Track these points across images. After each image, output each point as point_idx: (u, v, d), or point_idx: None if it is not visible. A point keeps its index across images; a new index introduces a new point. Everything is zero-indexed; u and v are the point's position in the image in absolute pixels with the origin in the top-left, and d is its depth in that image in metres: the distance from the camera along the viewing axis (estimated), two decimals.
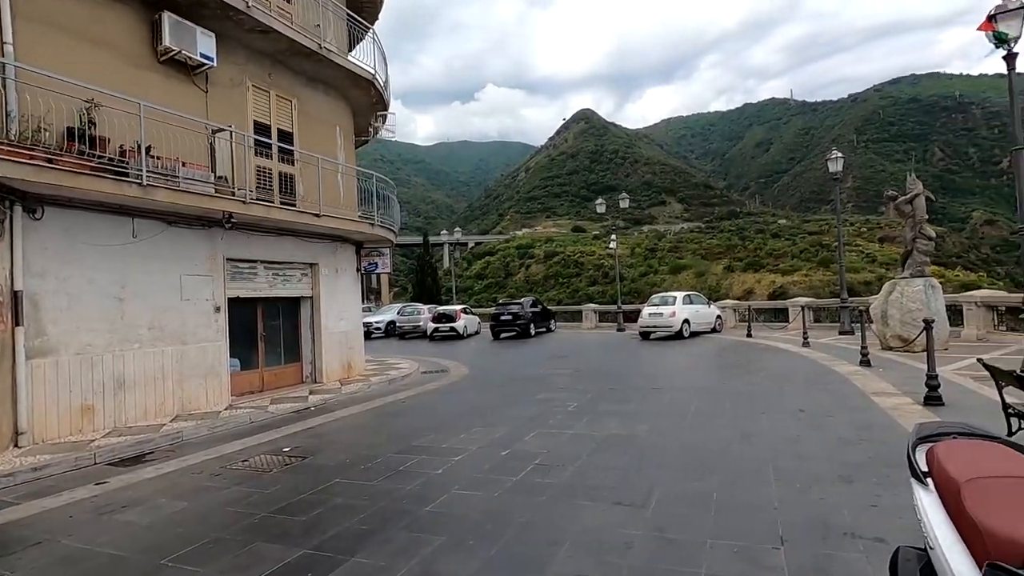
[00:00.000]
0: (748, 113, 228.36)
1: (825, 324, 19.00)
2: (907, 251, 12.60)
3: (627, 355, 15.82)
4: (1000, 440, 2.15)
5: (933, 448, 2.17)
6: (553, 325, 26.03)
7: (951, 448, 2.12)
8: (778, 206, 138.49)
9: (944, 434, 2.26)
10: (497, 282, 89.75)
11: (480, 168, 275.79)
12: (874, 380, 9.00)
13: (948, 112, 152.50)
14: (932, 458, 2.13)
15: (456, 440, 6.75)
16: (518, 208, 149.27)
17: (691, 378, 10.98)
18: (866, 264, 68.07)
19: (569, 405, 8.57)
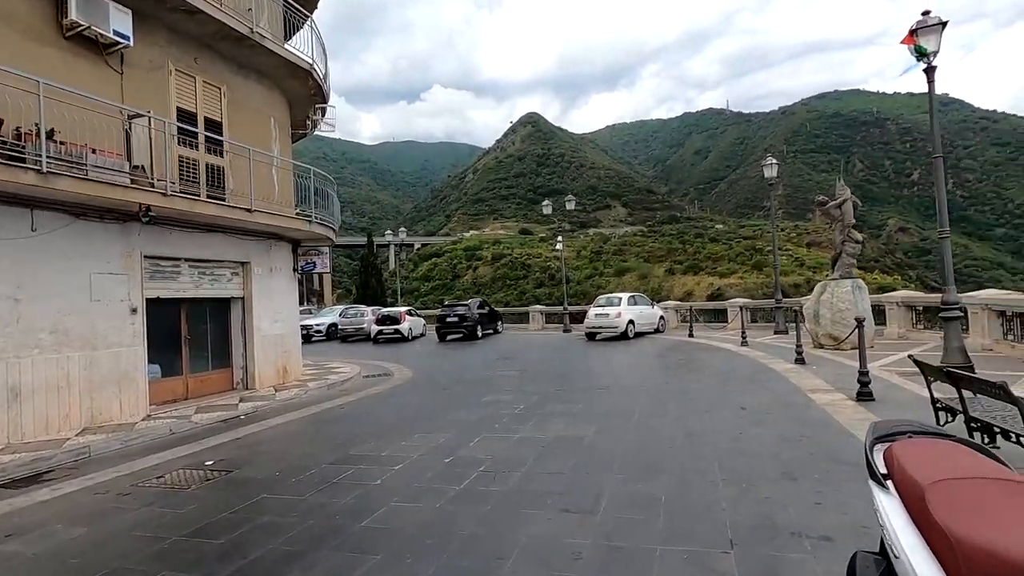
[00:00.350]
0: (688, 122, 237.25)
1: (761, 324, 19.76)
2: (836, 254, 13.23)
3: (574, 356, 15.82)
4: (957, 439, 2.09)
5: (891, 448, 2.09)
6: (500, 327, 25.85)
7: (909, 448, 2.04)
8: (716, 211, 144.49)
9: (900, 433, 2.19)
10: (444, 284, 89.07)
11: (427, 168, 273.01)
12: (809, 377, 9.31)
13: (867, 127, 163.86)
14: (891, 459, 2.04)
15: (397, 448, 6.40)
16: (465, 210, 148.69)
17: (637, 378, 11.04)
18: (795, 267, 72.03)
19: (516, 407, 8.38)
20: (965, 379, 4.22)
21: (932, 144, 8.94)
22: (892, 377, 8.75)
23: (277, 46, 11.32)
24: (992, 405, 4.53)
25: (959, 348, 8.59)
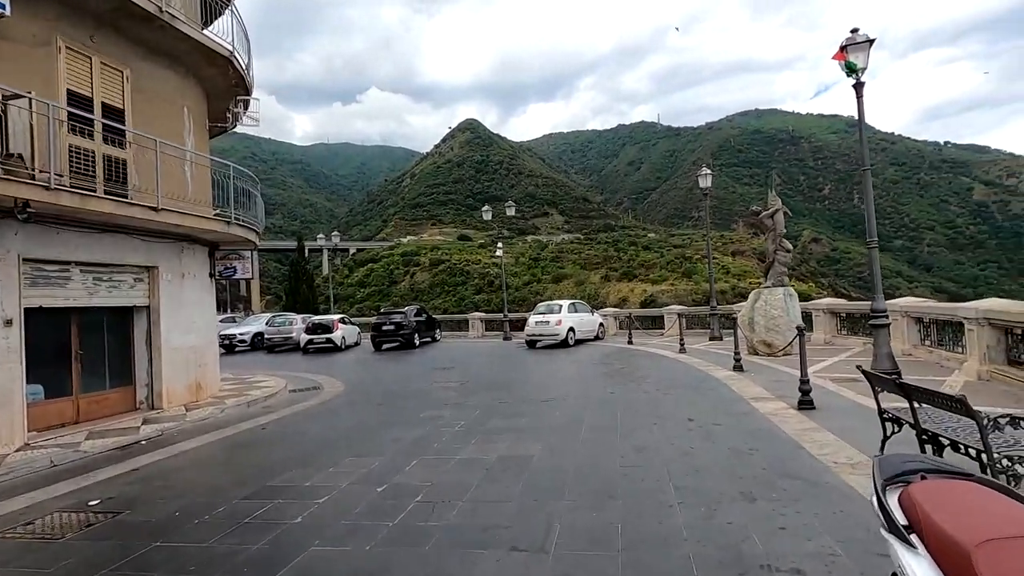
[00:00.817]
0: (622, 133, 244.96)
1: (696, 330, 20.20)
2: (769, 262, 13.62)
3: (515, 365, 15.45)
4: (976, 478, 1.82)
5: (908, 493, 1.77)
6: (438, 334, 25.13)
7: (931, 493, 1.73)
8: (648, 221, 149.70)
9: (910, 472, 1.89)
10: (381, 290, 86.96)
11: (363, 172, 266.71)
12: (749, 385, 9.36)
13: (784, 144, 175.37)
14: (910, 506, 1.72)
15: (322, 476, 5.71)
16: (403, 214, 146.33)
17: (580, 388, 10.78)
18: (722, 275, 75.48)
19: (456, 424, 7.85)
20: (919, 391, 4.14)
21: (862, 156, 9.25)
22: (827, 383, 8.93)
23: (192, 29, 10.26)
24: (939, 416, 4.50)
25: (887, 354, 8.89)
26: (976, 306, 8.35)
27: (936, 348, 10.45)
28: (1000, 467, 3.57)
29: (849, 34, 8.99)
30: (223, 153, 12.67)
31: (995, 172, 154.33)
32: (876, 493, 1.85)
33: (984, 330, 8.16)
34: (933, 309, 10.95)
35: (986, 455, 3.61)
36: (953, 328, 9.82)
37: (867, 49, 8.86)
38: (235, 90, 12.26)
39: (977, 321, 8.22)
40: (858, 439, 5.69)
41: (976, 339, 8.30)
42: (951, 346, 9.86)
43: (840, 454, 5.29)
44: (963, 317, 8.65)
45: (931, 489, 1.74)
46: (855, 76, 8.95)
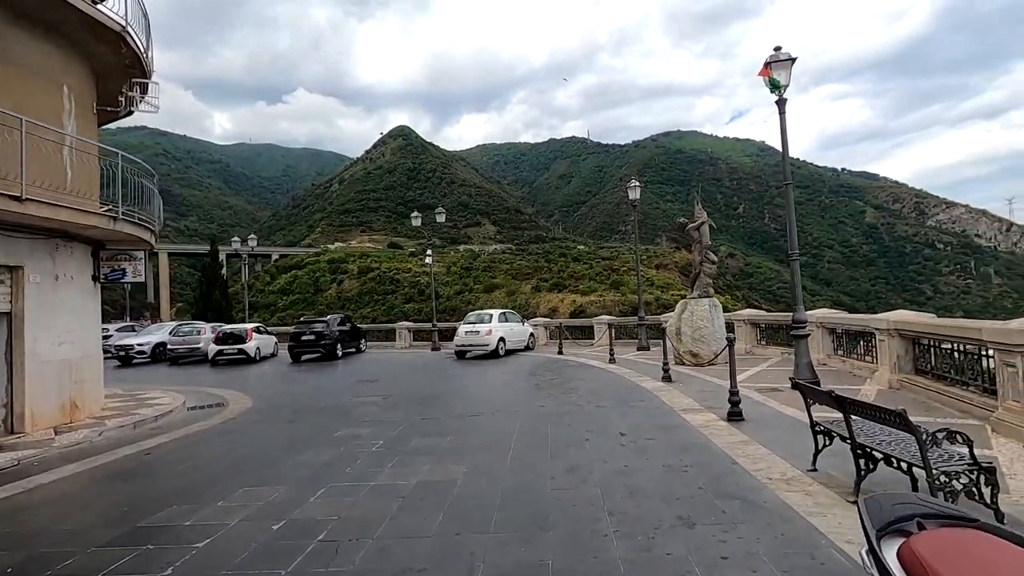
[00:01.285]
0: (553, 147, 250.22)
1: (624, 340, 20.38)
2: (695, 273, 13.87)
3: (443, 377, 14.81)
4: (979, 524, 1.51)
5: (910, 547, 1.43)
6: (364, 345, 23.94)
7: (938, 548, 1.39)
8: (578, 233, 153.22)
9: (905, 519, 1.55)
10: (305, 298, 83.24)
11: (288, 175, 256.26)
12: (679, 396, 9.29)
13: (703, 164, 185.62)
14: (914, 564, 1.38)
15: (208, 512, 4.89)
16: (331, 220, 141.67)
17: (510, 400, 10.35)
18: (646, 286, 78.23)
19: (374, 443, 7.16)
20: (855, 405, 4.02)
21: (784, 171, 9.50)
22: (752, 394, 9.00)
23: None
24: (871, 429, 4.43)
25: (807, 364, 9.11)
26: (887, 317, 8.74)
27: (848, 358, 10.93)
28: (938, 483, 3.46)
29: (772, 52, 9.25)
30: (130, 149, 11.29)
31: (883, 197, 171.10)
32: (870, 546, 1.50)
33: (894, 341, 8.53)
34: (846, 320, 11.49)
35: (925, 471, 3.49)
36: (864, 339, 10.29)
37: (789, 67, 9.14)
38: (130, 71, 10.95)
39: (888, 332, 8.59)
40: (789, 451, 5.60)
41: (887, 349, 8.67)
42: (862, 356, 10.33)
43: (774, 469, 5.14)
44: (875, 328, 9.04)
45: (938, 544, 1.40)
46: (778, 92, 9.21)
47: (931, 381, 7.75)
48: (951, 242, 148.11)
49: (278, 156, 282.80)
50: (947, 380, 7.43)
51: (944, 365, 7.56)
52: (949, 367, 7.43)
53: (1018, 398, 5.39)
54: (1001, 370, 5.60)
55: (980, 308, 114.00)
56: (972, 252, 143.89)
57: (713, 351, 12.93)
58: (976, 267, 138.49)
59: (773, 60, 9.15)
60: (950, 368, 7.41)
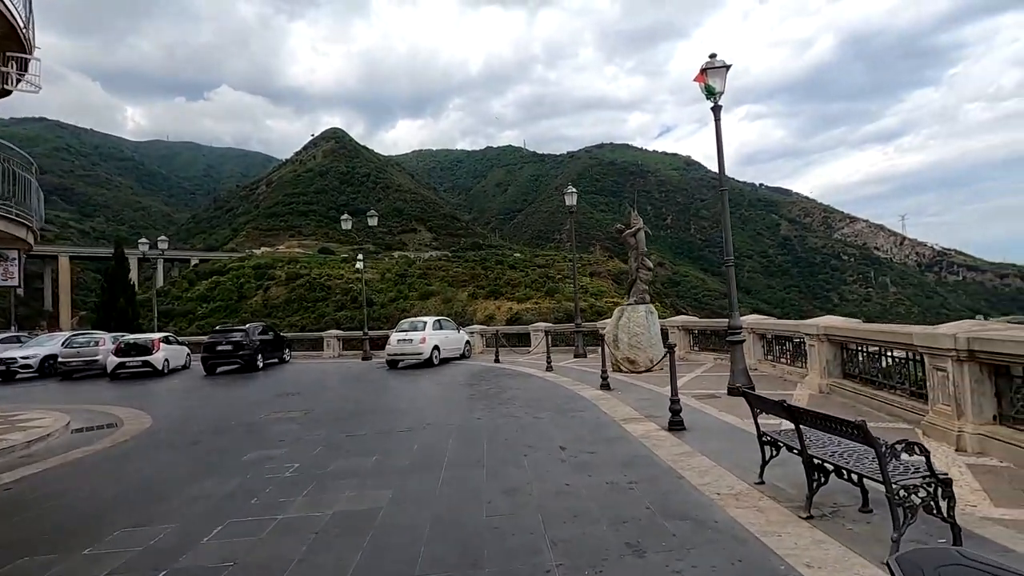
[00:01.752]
0: (490, 155, 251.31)
1: (561, 347, 20.21)
2: (632, 280, 13.85)
3: (373, 388, 13.96)
4: None
5: None
6: (288, 355, 22.46)
7: None
8: (514, 241, 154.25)
9: None
10: (228, 306, 78.41)
11: (210, 175, 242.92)
12: (618, 404, 9.05)
13: (633, 176, 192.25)
14: None
15: (75, 562, 4.02)
16: (257, 224, 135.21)
17: (444, 413, 9.76)
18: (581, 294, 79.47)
19: (289, 467, 6.37)
20: (809, 415, 3.80)
21: (720, 179, 9.54)
22: (690, 401, 8.90)
23: None
24: (819, 439, 4.25)
25: (743, 370, 9.14)
26: (817, 323, 8.93)
27: (778, 363, 11.16)
28: (897, 499, 3.26)
29: (708, 59, 9.30)
30: (25, 142, 9.77)
31: (795, 212, 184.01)
32: None
33: (824, 346, 8.71)
34: (777, 326, 11.76)
35: (884, 486, 3.28)
36: (794, 344, 10.53)
37: (724, 74, 9.20)
38: (4, 44, 9.52)
39: (818, 337, 8.76)
40: (734, 462, 5.39)
41: (817, 354, 8.84)
42: (792, 361, 10.56)
43: (721, 483, 4.89)
44: (805, 334, 9.22)
45: None
46: (713, 99, 9.25)
47: (860, 385, 7.92)
48: (854, 254, 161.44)
49: (199, 155, 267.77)
50: (875, 384, 7.60)
51: (872, 369, 7.74)
52: (877, 371, 7.61)
53: (948, 402, 5.46)
54: (931, 374, 5.68)
55: (879, 314, 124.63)
56: (872, 263, 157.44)
57: (650, 358, 12.91)
58: (875, 277, 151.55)
59: (709, 66, 9.19)
60: (878, 372, 7.59)
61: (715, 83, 9.15)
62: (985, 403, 5.21)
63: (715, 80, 9.15)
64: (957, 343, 5.25)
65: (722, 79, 9.17)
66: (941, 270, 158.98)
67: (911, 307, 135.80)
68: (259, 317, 72.56)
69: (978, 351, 5.12)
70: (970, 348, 5.18)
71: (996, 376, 5.18)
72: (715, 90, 9.15)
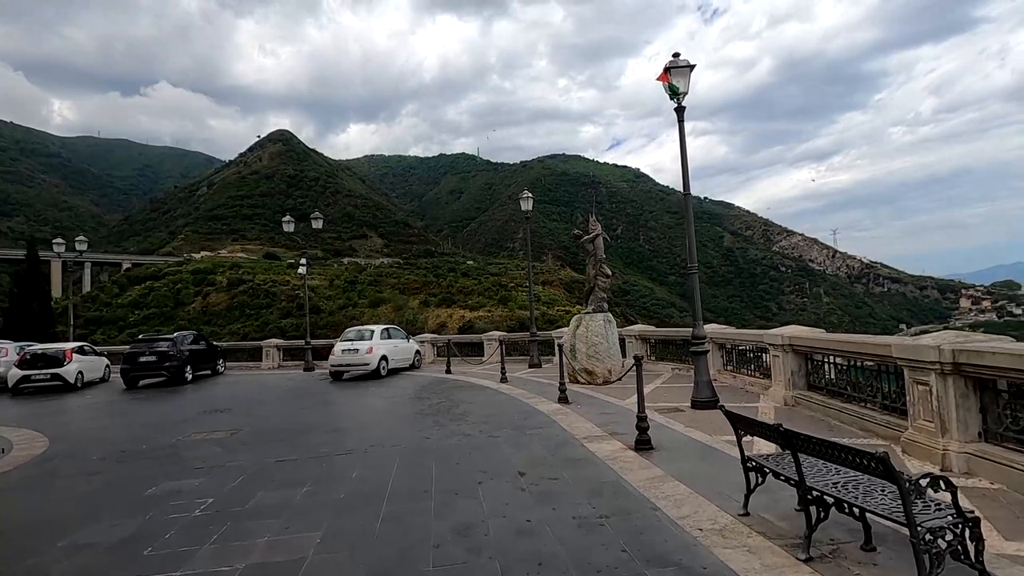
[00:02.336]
0: (443, 162, 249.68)
1: (515, 357, 19.58)
2: (590, 287, 13.38)
3: (313, 403, 12.86)
4: None
5: None
6: (221, 366, 20.82)
7: None
8: (467, 248, 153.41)
9: None
10: (163, 313, 74.11)
11: (146, 175, 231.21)
12: (579, 420, 8.45)
13: (585, 187, 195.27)
14: None
15: None
16: (197, 227, 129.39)
17: (390, 432, 8.90)
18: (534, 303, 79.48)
19: (200, 504, 5.39)
20: (811, 443, 3.28)
21: (684, 182, 9.19)
22: (653, 415, 8.36)
23: None
24: (814, 466, 3.75)
25: (707, 382, 8.75)
26: (781, 332, 8.65)
27: (739, 374, 10.90)
28: (923, 544, 2.76)
29: (672, 58, 8.95)
30: None
31: (738, 225, 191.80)
32: None
33: (788, 356, 8.43)
34: (739, 336, 11.52)
35: (908, 529, 2.78)
36: (755, 354, 10.28)
37: (687, 74, 8.87)
38: None
39: (783, 347, 8.48)
40: (712, 488, 4.86)
41: (781, 365, 8.56)
42: (753, 372, 10.30)
43: (702, 515, 4.33)
44: (769, 343, 8.94)
45: None
46: (677, 100, 8.89)
47: (827, 397, 7.65)
48: (791, 265, 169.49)
49: (134, 154, 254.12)
50: (844, 397, 7.33)
51: (841, 381, 7.48)
52: (846, 384, 7.35)
53: (931, 418, 5.13)
54: (912, 388, 5.37)
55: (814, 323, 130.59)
56: (807, 275, 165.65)
57: (608, 368, 12.44)
58: (810, 288, 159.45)
59: (672, 66, 8.83)
60: (847, 385, 7.33)
61: (679, 83, 8.80)
62: (971, 419, 4.91)
63: (679, 80, 8.80)
64: (942, 355, 4.92)
65: (685, 79, 8.83)
66: (869, 282, 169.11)
67: (842, 316, 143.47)
68: (197, 325, 68.80)
69: (964, 364, 4.82)
70: (955, 361, 4.87)
71: (981, 390, 4.89)
72: (679, 90, 8.80)
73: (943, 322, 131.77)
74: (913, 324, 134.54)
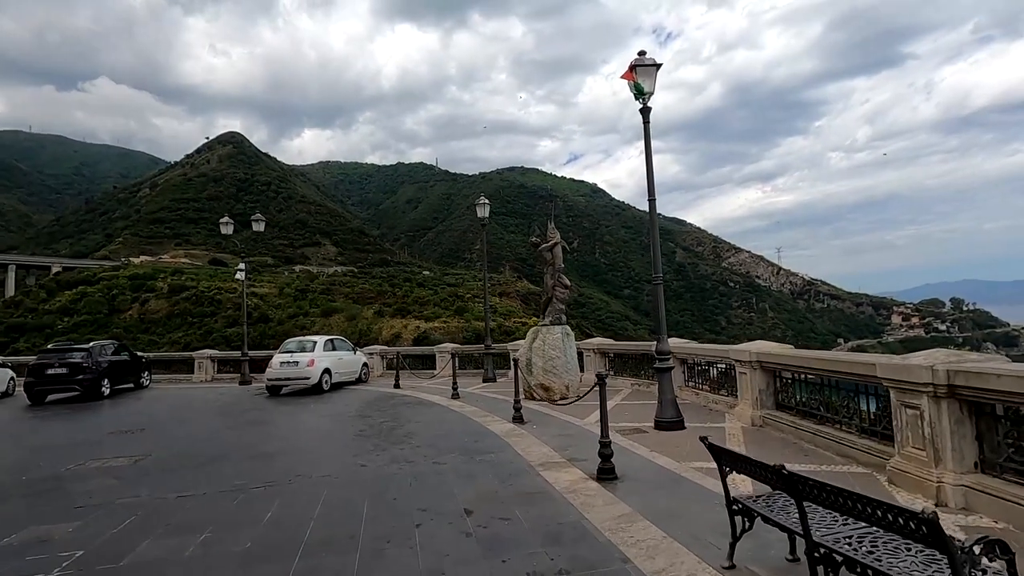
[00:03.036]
0: (401, 171, 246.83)
1: (469, 370, 18.70)
2: (547, 298, 12.71)
3: (241, 422, 11.59)
4: None
5: None
6: (147, 379, 19.02)
7: None
8: (424, 258, 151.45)
9: None
10: (96, 320, 69.51)
11: (82, 174, 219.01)
12: (534, 443, 7.68)
13: (543, 200, 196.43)
14: None
15: None
16: (137, 230, 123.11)
17: (322, 457, 7.89)
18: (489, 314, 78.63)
19: (64, 559, 4.30)
20: (824, 491, 2.62)
21: (648, 188, 8.67)
22: (615, 436, 7.68)
23: None
24: (814, 511, 3.12)
25: (671, 401, 8.17)
26: (749, 348, 8.18)
27: (702, 390, 10.41)
28: None
29: (637, 56, 8.45)
30: None
31: (689, 241, 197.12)
32: None
33: (757, 373, 7.96)
34: (703, 351, 11.04)
35: None
36: (719, 370, 9.81)
37: (654, 73, 8.38)
38: None
39: (750, 364, 8.00)
40: (689, 532, 4.18)
41: (749, 383, 8.08)
42: (717, 389, 9.83)
43: (680, 568, 3.63)
44: (735, 360, 8.46)
45: None
46: (642, 100, 8.38)
47: (798, 418, 7.17)
48: (739, 281, 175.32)
49: (70, 151, 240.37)
50: (817, 418, 6.86)
51: (813, 401, 7.02)
52: (819, 403, 6.89)
53: (922, 445, 4.63)
54: (899, 412, 4.86)
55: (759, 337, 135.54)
56: (754, 290, 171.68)
57: (566, 384, 11.76)
58: (756, 303, 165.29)
59: (638, 64, 8.32)
60: (819, 405, 6.87)
61: (644, 82, 8.29)
62: (967, 448, 4.43)
63: (644, 79, 8.30)
64: (936, 377, 4.42)
65: (652, 78, 8.33)
66: (810, 298, 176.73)
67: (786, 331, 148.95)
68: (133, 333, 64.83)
69: (961, 386, 4.34)
70: (951, 383, 4.39)
71: (978, 416, 4.43)
72: (644, 90, 8.29)
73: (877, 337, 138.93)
74: (850, 339, 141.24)
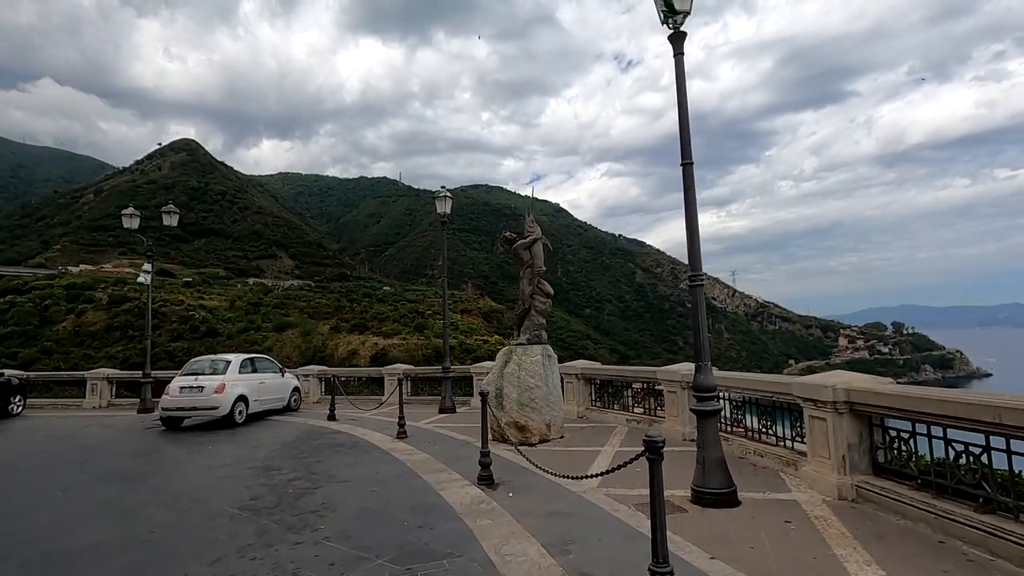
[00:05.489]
0: (363, 185, 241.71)
1: (425, 397, 15.68)
2: (524, 309, 9.89)
3: (96, 476, 8.26)
4: None
5: None
6: (19, 406, 15.23)
7: None
8: (384, 274, 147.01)
9: None
10: (24, 332, 63.32)
11: (19, 176, 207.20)
12: (513, 537, 4.82)
13: (507, 218, 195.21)
14: None
15: None
16: (77, 237, 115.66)
17: (166, 557, 4.86)
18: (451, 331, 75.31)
19: None
20: None
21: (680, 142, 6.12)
22: (629, 520, 5.00)
23: None
24: None
25: (718, 460, 5.47)
26: (829, 382, 5.57)
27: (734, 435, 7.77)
28: None
29: None
30: None
31: (649, 262, 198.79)
32: None
33: (844, 419, 5.34)
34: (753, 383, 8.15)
35: None
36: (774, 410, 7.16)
37: None
38: None
39: (833, 405, 5.40)
40: None
41: (830, 432, 5.42)
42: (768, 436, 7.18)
43: None
44: (805, 397, 5.83)
45: None
46: (672, 22, 5.87)
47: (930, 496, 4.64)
48: None
49: (6, 152, 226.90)
50: (971, 499, 4.35)
51: (960, 469, 4.53)
52: (968, 471, 4.41)
53: None
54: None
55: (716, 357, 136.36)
56: (711, 311, 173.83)
57: (547, 422, 8.95)
58: (713, 324, 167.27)
59: None
60: (970, 473, 4.38)
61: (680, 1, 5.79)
62: None
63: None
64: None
65: None
66: (763, 320, 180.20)
67: (740, 351, 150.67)
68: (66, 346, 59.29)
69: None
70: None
71: None
72: (676, 7, 5.79)
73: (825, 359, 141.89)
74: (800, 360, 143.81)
